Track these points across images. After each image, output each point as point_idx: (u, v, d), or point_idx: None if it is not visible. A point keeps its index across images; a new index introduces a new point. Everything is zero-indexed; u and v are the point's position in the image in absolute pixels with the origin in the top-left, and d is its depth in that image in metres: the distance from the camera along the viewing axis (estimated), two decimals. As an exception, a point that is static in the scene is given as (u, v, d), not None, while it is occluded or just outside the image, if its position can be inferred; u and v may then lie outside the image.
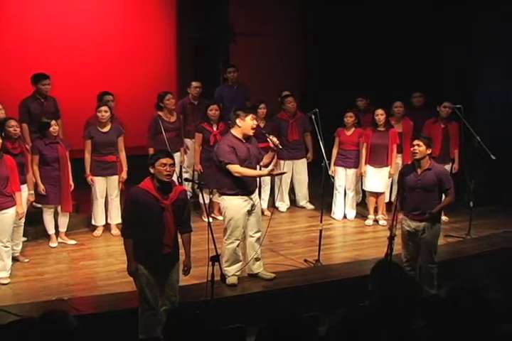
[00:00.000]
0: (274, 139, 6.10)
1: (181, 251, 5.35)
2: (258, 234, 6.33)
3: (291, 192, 9.04)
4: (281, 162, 8.60)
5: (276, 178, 8.70)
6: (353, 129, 8.33)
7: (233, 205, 6.11)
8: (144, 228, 5.10)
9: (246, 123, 6.09)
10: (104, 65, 9.69)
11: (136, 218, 5.09)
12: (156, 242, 5.13)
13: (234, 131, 6.18)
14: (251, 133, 6.13)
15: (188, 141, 8.51)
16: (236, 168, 6.00)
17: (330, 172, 7.47)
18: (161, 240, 5.13)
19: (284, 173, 6.52)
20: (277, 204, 8.79)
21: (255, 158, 6.18)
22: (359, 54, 10.31)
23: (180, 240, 5.32)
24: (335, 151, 8.38)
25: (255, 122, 6.14)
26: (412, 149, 6.14)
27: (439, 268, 6.28)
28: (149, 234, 5.11)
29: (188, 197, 6.19)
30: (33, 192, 6.95)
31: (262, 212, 7.37)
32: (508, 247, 7.45)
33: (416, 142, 6.12)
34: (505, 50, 8.98)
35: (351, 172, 8.43)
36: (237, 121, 6.12)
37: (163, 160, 5.08)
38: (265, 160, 6.26)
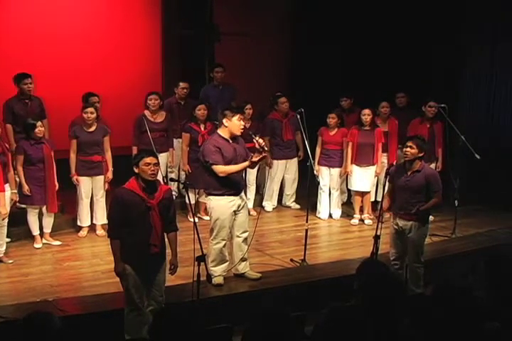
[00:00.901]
0: (260, 140, 6.11)
1: (168, 250, 5.35)
2: (245, 235, 6.34)
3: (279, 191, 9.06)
4: (275, 161, 8.63)
5: (269, 177, 8.71)
6: (336, 129, 8.37)
7: (219, 205, 6.11)
8: (131, 228, 5.10)
9: (233, 124, 6.09)
10: (89, 64, 9.64)
11: (122, 219, 5.09)
12: (143, 242, 5.13)
13: (220, 131, 6.18)
14: (238, 133, 6.13)
15: (175, 141, 8.47)
16: (220, 168, 6.01)
17: (314, 172, 7.49)
18: (148, 240, 5.13)
19: (264, 157, 6.40)
20: (264, 203, 8.80)
21: (242, 158, 6.18)
22: (345, 54, 10.36)
23: (166, 239, 5.32)
24: (318, 150, 8.40)
25: (242, 122, 6.13)
26: (404, 150, 6.17)
27: (424, 268, 6.32)
28: (136, 234, 5.11)
29: (174, 197, 6.18)
30: (15, 191, 6.92)
31: (248, 212, 7.36)
32: (492, 246, 7.51)
33: (409, 143, 6.13)
34: (491, 50, 9.05)
35: (335, 171, 8.46)
36: (224, 121, 6.12)
37: (147, 160, 5.09)
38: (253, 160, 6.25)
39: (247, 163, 6.14)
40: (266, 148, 6.16)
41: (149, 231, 5.12)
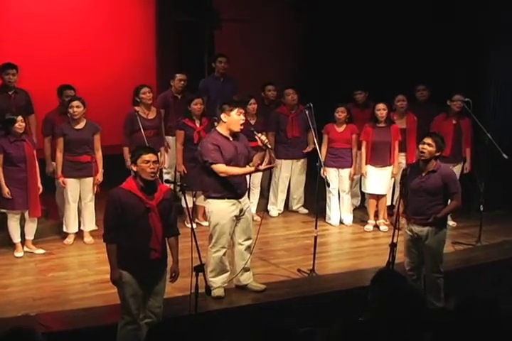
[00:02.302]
0: (263, 137, 6.11)
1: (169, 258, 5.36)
2: (248, 242, 6.34)
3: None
4: (279, 161, 8.62)
5: (273, 179, 8.71)
6: (344, 125, 8.36)
7: (219, 209, 6.11)
8: (128, 232, 5.12)
9: (232, 119, 6.10)
10: (74, 53, 9.59)
11: (118, 221, 5.10)
12: (142, 247, 5.14)
13: (219, 128, 6.18)
14: (237, 129, 6.13)
15: (169, 139, 8.49)
16: (221, 168, 6.01)
17: (322, 174, 7.48)
18: (148, 244, 5.14)
19: (272, 167, 6.48)
20: (269, 207, 8.81)
21: (243, 157, 6.19)
22: (357, 42, 10.32)
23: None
24: (324, 150, 8.33)
25: (242, 117, 6.13)
26: (420, 147, 6.13)
27: (445, 278, 6.31)
28: (134, 239, 5.12)
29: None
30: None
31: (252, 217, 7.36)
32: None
33: (427, 141, 6.09)
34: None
35: (345, 172, 8.44)
36: (222, 116, 6.13)
37: (146, 157, 5.11)
38: (255, 160, 6.26)
39: (251, 169, 6.15)
40: (269, 146, 6.17)
41: (149, 234, 5.14)
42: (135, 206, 5.10)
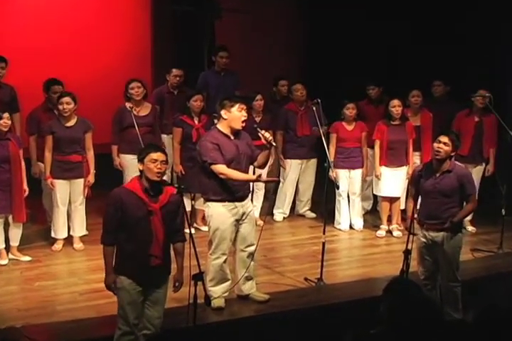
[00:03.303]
0: (267, 135, 6.10)
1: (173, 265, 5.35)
2: (251, 249, 6.33)
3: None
4: (288, 161, 8.60)
5: (281, 181, 8.69)
6: (353, 123, 8.35)
7: (219, 213, 6.11)
8: (128, 235, 5.12)
9: (233, 115, 6.09)
10: (62, 45, 9.57)
11: (118, 223, 5.12)
12: (142, 252, 5.14)
13: (219, 126, 6.18)
14: (239, 126, 6.12)
15: (164, 137, 8.50)
16: (221, 169, 6.01)
17: (330, 175, 7.47)
18: (148, 250, 5.14)
19: (275, 181, 6.48)
20: (274, 211, 8.81)
21: (246, 157, 6.17)
22: (368, 35, 10.31)
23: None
24: (332, 151, 8.31)
25: (244, 114, 6.12)
26: (436, 146, 6.11)
27: (464, 288, 6.29)
28: (134, 243, 5.12)
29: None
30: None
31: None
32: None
33: (443, 139, 6.07)
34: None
35: (356, 173, 8.44)
36: (222, 112, 6.12)
37: (154, 156, 5.13)
38: (260, 159, 6.26)
39: (252, 177, 6.18)
40: (274, 144, 6.16)
41: (149, 239, 5.14)
42: (136, 208, 5.12)
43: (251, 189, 6.55)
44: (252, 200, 6.79)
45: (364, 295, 6.53)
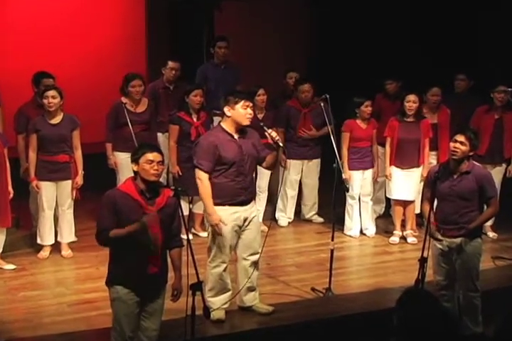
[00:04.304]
0: (274, 134, 6.10)
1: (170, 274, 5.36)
2: (254, 257, 6.32)
3: (297, 201, 9.06)
4: (288, 161, 8.61)
5: (281, 183, 8.69)
6: (368, 121, 8.36)
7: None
8: (124, 241, 5.11)
9: (237, 113, 6.07)
10: (48, 35, 9.58)
11: (113, 226, 5.10)
12: (139, 259, 5.14)
13: (223, 123, 6.17)
14: (246, 122, 6.10)
15: (160, 136, 8.51)
16: (201, 176, 6.05)
17: (344, 178, 7.46)
18: (145, 256, 5.15)
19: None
20: (277, 215, 8.81)
21: (251, 158, 6.14)
22: (384, 23, 10.29)
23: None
24: (345, 151, 8.31)
25: (249, 111, 6.10)
26: (452, 146, 6.10)
27: (484, 299, 6.28)
28: (130, 249, 5.11)
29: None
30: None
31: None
32: None
33: (460, 138, 6.06)
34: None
35: (369, 174, 8.45)
36: (226, 109, 6.11)
37: (150, 156, 5.13)
38: (268, 161, 6.27)
39: (212, 211, 6.06)
40: (281, 144, 6.15)
41: (147, 245, 5.13)
42: (132, 211, 5.11)
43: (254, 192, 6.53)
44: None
45: (376, 307, 6.53)
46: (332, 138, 7.23)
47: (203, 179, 6.07)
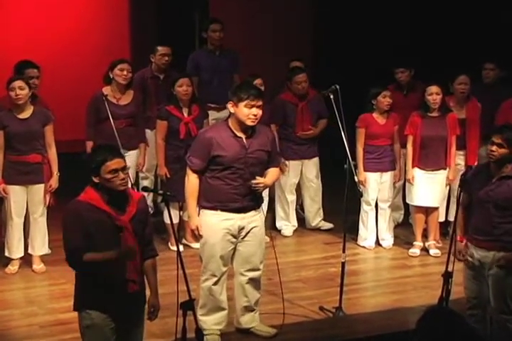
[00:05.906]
0: (254, 181, 6.13)
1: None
2: (253, 274, 6.32)
3: (299, 206, 9.06)
4: (286, 163, 8.63)
5: (277, 187, 8.69)
6: (386, 115, 8.33)
7: (208, 223, 6.11)
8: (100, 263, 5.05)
9: (239, 111, 6.03)
10: (20, 19, 9.61)
11: (82, 242, 5.00)
12: (116, 278, 5.07)
13: (230, 119, 6.17)
14: (248, 123, 6.06)
15: (148, 133, 8.54)
16: (190, 175, 6.12)
17: (359, 182, 7.46)
18: (123, 273, 5.08)
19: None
20: (279, 224, 8.82)
21: (254, 161, 6.11)
22: (393, 8, 10.31)
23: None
24: (361, 151, 8.33)
25: (254, 111, 6.04)
26: (489, 148, 6.06)
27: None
28: (105, 267, 5.03)
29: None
30: None
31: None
32: None
33: (497, 139, 6.01)
34: None
35: (388, 176, 8.44)
36: (229, 105, 6.10)
37: (112, 165, 4.99)
38: (267, 173, 6.27)
39: (195, 224, 6.15)
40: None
41: (123, 261, 5.07)
42: (101, 224, 5.01)
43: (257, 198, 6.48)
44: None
45: (394, 328, 6.52)
46: (343, 134, 7.19)
47: (190, 176, 6.13)
